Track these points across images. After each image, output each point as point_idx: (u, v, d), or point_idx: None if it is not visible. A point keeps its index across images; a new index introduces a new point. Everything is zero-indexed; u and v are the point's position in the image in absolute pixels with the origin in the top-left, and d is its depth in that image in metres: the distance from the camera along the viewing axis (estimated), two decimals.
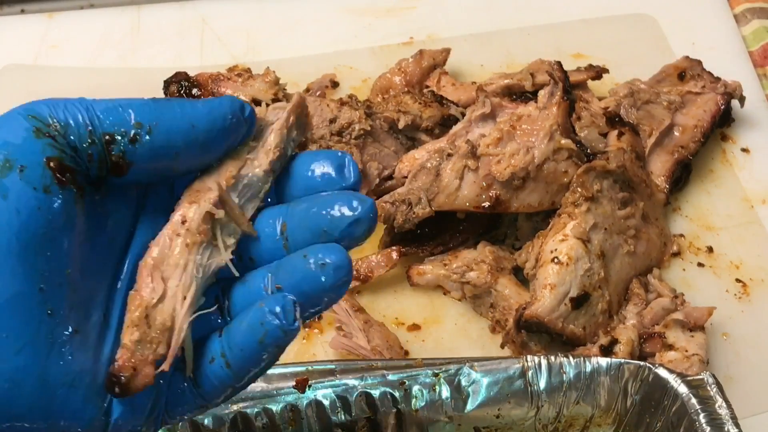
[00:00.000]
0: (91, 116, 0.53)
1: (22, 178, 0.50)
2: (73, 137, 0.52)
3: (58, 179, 0.51)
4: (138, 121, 0.54)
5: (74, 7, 1.47)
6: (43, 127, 0.52)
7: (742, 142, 1.31)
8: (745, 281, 1.14)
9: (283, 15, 1.45)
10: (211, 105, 0.56)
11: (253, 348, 0.55)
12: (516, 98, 1.17)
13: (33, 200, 0.50)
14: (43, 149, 0.51)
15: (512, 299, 1.06)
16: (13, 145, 0.51)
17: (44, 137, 0.52)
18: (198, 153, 0.56)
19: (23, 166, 0.50)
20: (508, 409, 0.86)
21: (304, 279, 0.55)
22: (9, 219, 0.50)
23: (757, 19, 1.46)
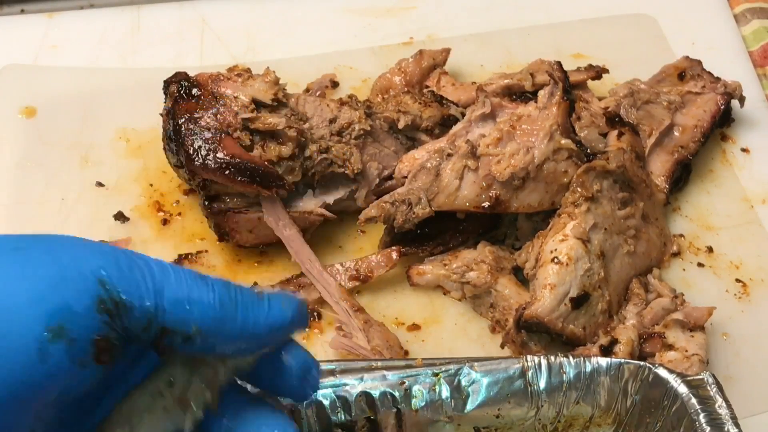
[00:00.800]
0: (158, 305, 0.53)
1: (67, 350, 0.50)
2: (132, 322, 0.52)
3: (98, 359, 0.52)
4: (198, 328, 0.54)
5: (74, 7, 1.47)
6: (107, 301, 0.52)
7: (742, 142, 1.31)
8: (745, 281, 1.14)
9: (283, 15, 1.45)
10: (271, 320, 0.57)
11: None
12: (516, 98, 1.17)
13: (66, 371, 0.51)
14: (100, 327, 0.51)
15: (512, 299, 1.06)
16: (73, 314, 0.50)
17: (104, 313, 0.51)
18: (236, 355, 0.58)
19: (74, 340, 0.50)
20: (508, 409, 0.86)
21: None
22: (39, 380, 0.50)
23: (757, 19, 1.46)
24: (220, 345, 0.55)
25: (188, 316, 0.54)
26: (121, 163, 1.23)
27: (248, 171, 1.05)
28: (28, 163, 1.22)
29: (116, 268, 0.53)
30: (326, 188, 1.14)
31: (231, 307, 0.55)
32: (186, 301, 0.54)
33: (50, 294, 0.50)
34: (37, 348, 0.49)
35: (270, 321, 0.56)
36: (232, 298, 0.55)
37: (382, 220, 1.08)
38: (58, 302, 0.50)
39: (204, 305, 0.54)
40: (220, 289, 0.55)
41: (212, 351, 0.55)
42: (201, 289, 0.55)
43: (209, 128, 1.06)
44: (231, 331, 0.55)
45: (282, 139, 1.08)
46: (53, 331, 0.50)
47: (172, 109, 1.08)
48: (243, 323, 0.55)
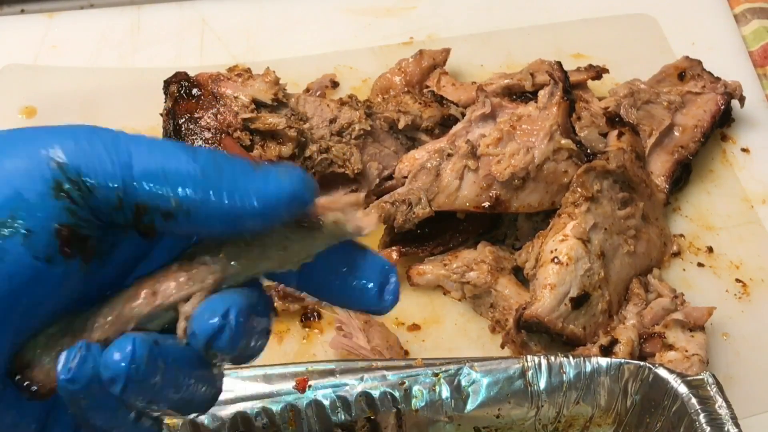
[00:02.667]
0: (127, 179, 0.47)
1: (24, 243, 0.45)
2: (99, 202, 0.47)
3: (64, 251, 0.46)
4: (178, 201, 0.47)
5: (74, 7, 1.47)
6: (65, 182, 0.46)
7: (742, 142, 1.31)
8: (745, 281, 1.14)
9: (283, 15, 1.45)
10: (265, 199, 0.49)
11: None
12: (516, 98, 1.17)
13: (30, 269, 0.45)
14: (58, 215, 0.46)
15: (512, 299, 1.06)
16: (25, 203, 0.45)
17: (63, 198, 0.46)
18: (233, 236, 0.50)
19: (29, 231, 0.45)
20: (508, 409, 0.86)
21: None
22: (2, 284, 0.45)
23: (757, 19, 1.46)
24: (208, 221, 0.48)
25: (164, 188, 0.47)
26: None
27: None
28: None
29: (73, 144, 0.47)
30: (326, 188, 1.14)
31: (215, 177, 0.48)
32: (160, 172, 0.47)
33: (0, 185, 0.45)
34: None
35: (264, 192, 0.48)
36: (218, 166, 0.48)
37: (383, 220, 1.08)
38: (7, 192, 0.45)
39: (182, 175, 0.47)
40: (203, 158, 0.48)
41: (202, 229, 0.48)
42: (179, 157, 0.48)
43: (209, 128, 1.06)
44: (217, 204, 0.47)
45: (282, 139, 1.08)
46: (4, 224, 0.45)
47: (172, 109, 1.08)
48: (230, 194, 0.48)
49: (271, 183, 0.49)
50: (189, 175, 0.48)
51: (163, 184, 0.47)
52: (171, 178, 0.47)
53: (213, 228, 0.49)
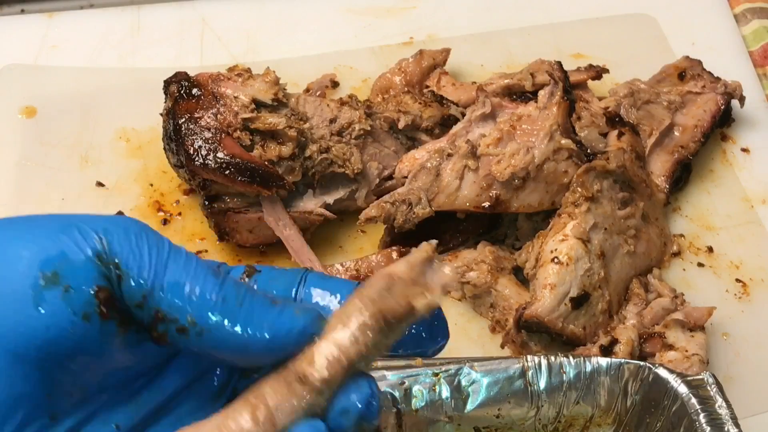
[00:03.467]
0: (156, 284, 0.50)
1: (64, 298, 0.48)
2: (127, 291, 0.50)
3: (102, 312, 0.49)
4: (193, 320, 0.50)
5: (74, 7, 1.47)
6: (107, 258, 0.50)
7: (742, 142, 1.31)
8: (745, 281, 1.14)
9: (283, 15, 1.45)
10: (275, 330, 0.51)
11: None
12: (516, 98, 1.17)
13: (67, 323, 0.48)
14: (98, 278, 0.49)
15: (512, 299, 1.06)
16: (69, 262, 0.49)
17: (103, 266, 0.49)
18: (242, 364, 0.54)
19: (69, 287, 0.48)
20: (508, 409, 0.86)
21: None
22: (35, 331, 0.48)
23: (757, 19, 1.46)
24: (218, 346, 0.51)
25: (185, 303, 0.50)
26: (121, 163, 1.23)
27: (248, 171, 1.05)
28: (28, 163, 1.22)
29: (123, 233, 0.51)
30: (326, 188, 1.14)
31: (234, 305, 0.51)
32: (185, 288, 0.50)
33: (48, 244, 0.49)
34: (31, 295, 0.48)
35: (277, 326, 0.51)
36: (240, 297, 0.52)
37: (383, 220, 1.08)
38: (54, 251, 0.49)
39: (205, 297, 0.51)
40: (228, 286, 0.52)
41: (211, 351, 0.52)
42: (207, 280, 0.51)
43: (209, 128, 1.06)
44: (231, 332, 0.51)
45: (282, 139, 1.08)
46: (47, 278, 0.48)
47: (172, 109, 1.08)
48: (244, 324, 0.51)
49: (285, 319, 0.52)
50: (210, 299, 0.51)
51: (185, 300, 0.51)
52: (194, 297, 0.51)
53: (222, 353, 0.52)
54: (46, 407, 0.49)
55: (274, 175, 1.07)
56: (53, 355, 0.48)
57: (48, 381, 0.49)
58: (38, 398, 0.49)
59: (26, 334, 0.48)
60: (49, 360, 0.48)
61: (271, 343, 0.51)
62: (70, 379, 0.50)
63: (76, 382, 0.50)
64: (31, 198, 1.18)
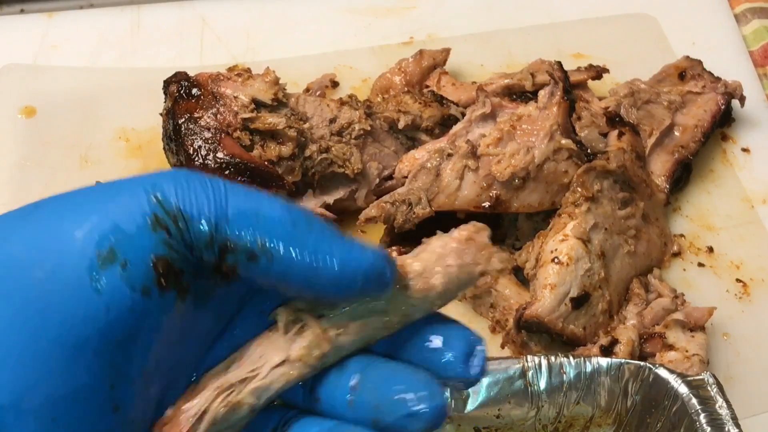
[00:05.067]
0: (220, 216, 0.47)
1: (122, 275, 0.46)
2: (193, 236, 0.47)
3: (160, 283, 0.47)
4: (264, 245, 0.48)
5: (74, 7, 1.47)
6: (163, 216, 0.47)
7: (742, 142, 1.31)
8: (746, 281, 1.14)
9: (283, 15, 1.45)
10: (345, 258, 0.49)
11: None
12: (516, 98, 1.17)
13: (128, 300, 0.46)
14: (155, 246, 0.46)
15: (512, 299, 1.06)
16: (124, 235, 0.46)
17: (161, 230, 0.47)
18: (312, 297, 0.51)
19: (127, 262, 0.46)
20: (508, 410, 0.86)
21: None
22: (96, 314, 0.45)
23: (757, 19, 1.46)
24: (288, 272, 0.48)
25: (254, 228, 0.48)
26: (121, 163, 1.23)
27: (248, 171, 1.05)
28: (27, 163, 1.22)
29: (172, 182, 0.48)
30: (326, 188, 1.14)
31: (305, 230, 0.49)
32: (253, 214, 0.48)
33: (99, 219, 0.46)
34: (89, 278, 0.45)
35: (347, 258, 0.49)
36: (310, 222, 0.49)
37: (382, 220, 1.08)
38: (107, 225, 0.46)
39: (274, 220, 0.48)
40: (297, 212, 0.49)
41: (279, 280, 0.49)
42: (274, 205, 0.49)
43: (209, 128, 1.06)
44: (301, 257, 0.48)
45: (282, 139, 1.08)
46: (103, 257, 0.45)
47: (172, 109, 1.08)
48: (314, 249, 0.48)
49: (355, 252, 0.50)
50: (280, 221, 0.48)
51: (254, 224, 0.48)
52: (262, 220, 0.48)
53: (290, 281, 0.49)
54: (109, 399, 0.47)
55: (274, 175, 1.07)
56: (115, 338, 0.46)
57: (110, 370, 0.46)
58: (101, 391, 0.46)
59: (87, 320, 0.45)
60: (111, 345, 0.46)
61: (341, 273, 0.49)
62: (130, 365, 0.47)
63: (137, 367, 0.48)
64: (30, 198, 1.16)
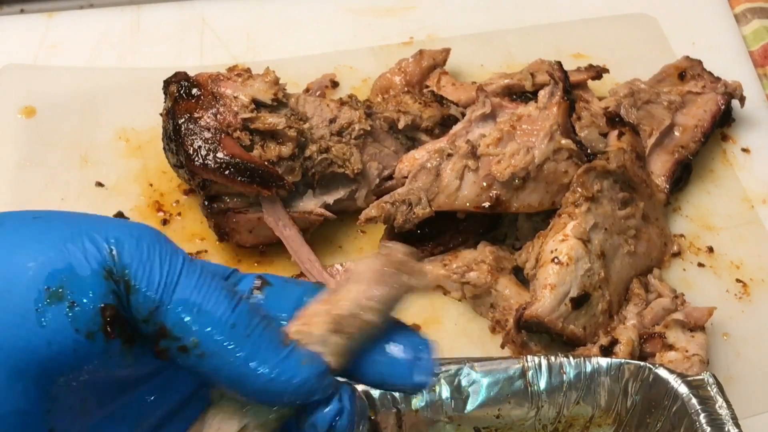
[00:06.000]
0: (164, 299, 0.48)
1: (67, 315, 0.46)
2: (134, 305, 0.48)
3: (106, 330, 0.47)
4: (196, 342, 0.48)
5: (74, 7, 1.47)
6: (117, 272, 0.48)
7: (742, 142, 1.31)
8: (746, 281, 1.14)
9: (283, 15, 1.45)
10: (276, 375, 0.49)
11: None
12: (516, 98, 1.17)
13: (70, 341, 0.46)
14: (105, 295, 0.47)
15: (512, 299, 1.06)
16: (75, 276, 0.47)
17: (112, 282, 0.48)
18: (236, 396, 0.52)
19: (74, 303, 0.47)
20: (508, 410, 0.86)
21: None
22: (37, 347, 0.46)
23: (757, 19, 1.46)
24: (216, 372, 0.49)
25: (190, 323, 0.48)
26: (121, 163, 1.23)
27: (248, 171, 1.05)
28: (27, 163, 1.22)
29: (135, 245, 0.49)
30: (326, 188, 1.14)
31: (242, 335, 0.49)
32: (194, 308, 0.49)
33: (54, 255, 0.47)
34: (34, 310, 0.46)
35: (279, 370, 0.49)
36: (250, 327, 0.49)
37: (382, 220, 1.08)
38: (60, 264, 0.47)
39: (212, 320, 0.49)
40: (240, 313, 0.49)
41: (207, 376, 0.50)
42: (220, 303, 0.49)
43: (209, 128, 1.06)
44: (231, 363, 0.49)
45: (282, 139, 1.08)
46: (51, 293, 0.46)
47: (172, 109, 1.08)
48: (246, 359, 0.49)
49: (291, 364, 0.50)
50: (219, 321, 0.49)
51: (193, 319, 0.49)
52: (203, 317, 0.49)
53: (219, 381, 0.50)
54: (45, 423, 0.48)
55: (274, 175, 1.07)
56: (54, 372, 0.47)
57: (48, 397, 0.47)
58: (37, 415, 0.47)
59: (27, 350, 0.46)
60: (50, 377, 0.47)
61: (269, 385, 0.49)
62: (70, 395, 0.49)
63: (77, 397, 0.49)
64: (30, 198, 1.18)
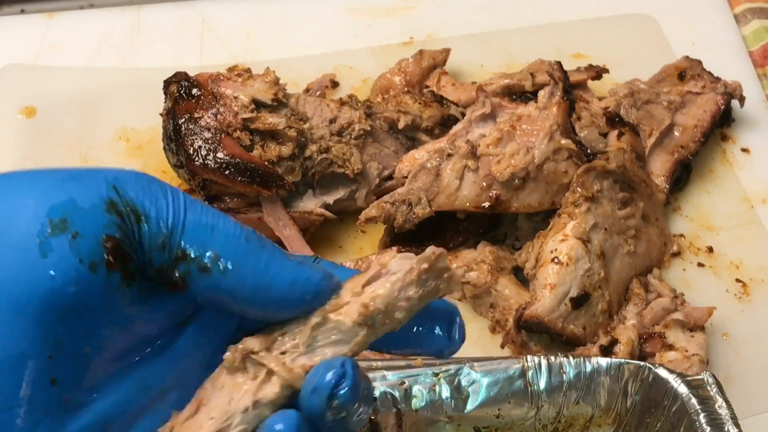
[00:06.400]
0: (176, 222, 0.49)
1: (71, 244, 0.46)
2: (146, 235, 0.48)
3: (108, 261, 0.47)
4: (218, 257, 0.49)
5: (74, 7, 1.47)
6: (120, 204, 0.48)
7: (742, 142, 1.31)
8: (745, 281, 1.14)
9: (283, 15, 1.45)
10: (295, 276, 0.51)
11: None
12: (516, 98, 1.17)
13: (73, 271, 0.46)
14: (107, 226, 0.47)
15: (512, 299, 1.06)
16: (77, 208, 0.47)
17: (114, 215, 0.48)
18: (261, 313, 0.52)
19: (77, 234, 0.46)
20: (508, 409, 0.86)
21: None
22: (40, 279, 0.46)
23: (757, 19, 1.46)
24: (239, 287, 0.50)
25: (210, 240, 0.49)
26: (121, 163, 1.23)
27: (248, 171, 1.05)
28: (27, 163, 1.22)
29: (134, 180, 0.49)
30: (326, 188, 1.14)
31: (257, 246, 0.50)
32: (210, 226, 0.49)
33: (55, 191, 0.47)
34: (38, 243, 0.46)
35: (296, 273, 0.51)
36: (262, 240, 0.51)
37: (382, 220, 1.08)
38: (62, 197, 0.47)
39: (228, 235, 0.49)
40: (249, 230, 0.51)
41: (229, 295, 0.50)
42: (227, 221, 0.50)
43: (209, 128, 1.06)
44: (253, 271, 0.50)
45: (282, 139, 1.08)
46: (54, 224, 0.46)
47: (172, 109, 1.08)
48: (267, 266, 0.50)
49: (305, 270, 0.51)
50: (234, 236, 0.50)
51: (210, 237, 0.49)
52: (218, 234, 0.49)
53: (238, 296, 0.50)
54: (46, 371, 0.47)
55: (274, 175, 1.07)
56: (57, 307, 0.46)
57: (50, 340, 0.46)
58: (39, 359, 0.46)
59: (31, 283, 0.46)
60: (52, 314, 0.46)
61: (291, 289, 0.50)
62: (73, 340, 0.48)
63: (79, 344, 0.48)
64: None
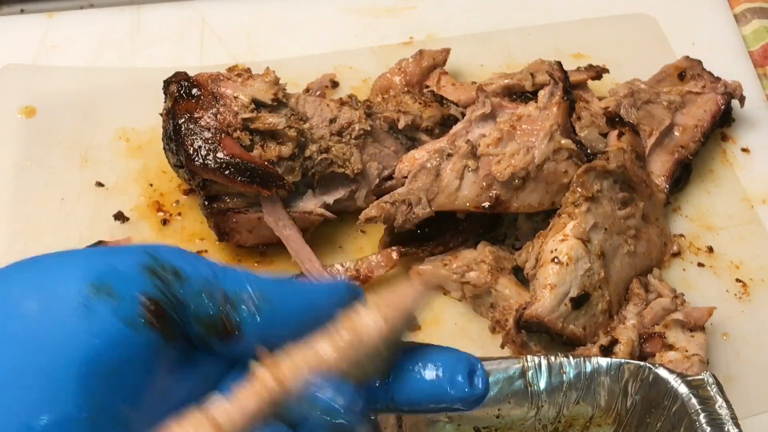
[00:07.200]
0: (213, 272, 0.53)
1: (113, 307, 0.49)
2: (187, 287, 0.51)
3: (149, 321, 0.49)
4: (261, 294, 0.53)
5: (74, 7, 1.47)
6: (157, 267, 0.51)
7: (742, 142, 1.31)
8: (745, 281, 1.14)
9: (283, 15, 1.45)
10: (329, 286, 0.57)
11: None
12: (516, 98, 1.17)
13: (116, 333, 0.48)
14: (146, 286, 0.50)
15: (512, 299, 1.06)
16: (118, 273, 0.50)
17: (153, 277, 0.51)
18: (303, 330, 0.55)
19: (119, 296, 0.49)
20: (508, 409, 0.86)
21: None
22: (85, 342, 0.48)
23: (757, 19, 1.46)
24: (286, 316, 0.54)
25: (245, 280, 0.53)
26: (121, 163, 1.23)
27: (248, 171, 1.05)
28: (27, 163, 1.22)
29: (167, 247, 0.53)
30: (326, 188, 1.14)
31: (282, 280, 0.55)
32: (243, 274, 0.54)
33: (96, 260, 0.50)
34: (81, 306, 0.48)
35: (323, 286, 0.57)
36: (281, 275, 0.56)
37: (382, 220, 1.08)
38: (103, 265, 0.50)
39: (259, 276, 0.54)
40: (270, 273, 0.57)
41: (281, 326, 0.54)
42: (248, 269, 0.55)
43: (209, 128, 1.06)
44: (292, 294, 0.55)
45: (282, 139, 1.08)
46: (97, 288, 0.49)
47: (172, 109, 1.08)
48: (301, 289, 0.55)
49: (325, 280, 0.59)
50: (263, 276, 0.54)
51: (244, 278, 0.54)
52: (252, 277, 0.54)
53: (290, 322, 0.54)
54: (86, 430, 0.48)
55: (274, 175, 1.07)
56: (100, 369, 0.48)
57: (93, 401, 0.48)
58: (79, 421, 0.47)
59: (75, 345, 0.47)
60: (96, 376, 0.48)
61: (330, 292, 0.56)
62: (114, 402, 0.49)
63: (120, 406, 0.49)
64: (30, 198, 1.18)
